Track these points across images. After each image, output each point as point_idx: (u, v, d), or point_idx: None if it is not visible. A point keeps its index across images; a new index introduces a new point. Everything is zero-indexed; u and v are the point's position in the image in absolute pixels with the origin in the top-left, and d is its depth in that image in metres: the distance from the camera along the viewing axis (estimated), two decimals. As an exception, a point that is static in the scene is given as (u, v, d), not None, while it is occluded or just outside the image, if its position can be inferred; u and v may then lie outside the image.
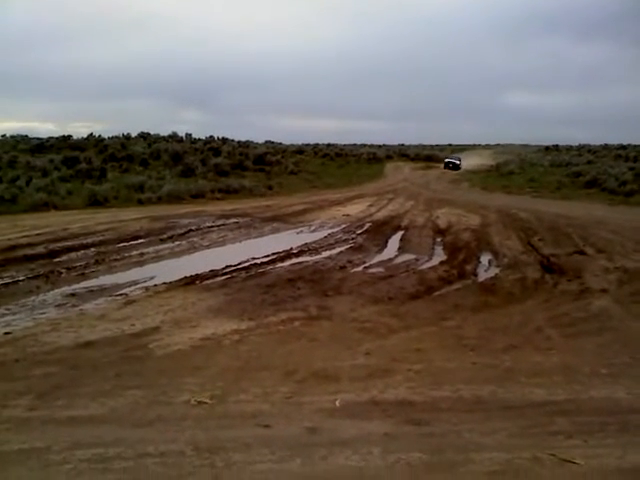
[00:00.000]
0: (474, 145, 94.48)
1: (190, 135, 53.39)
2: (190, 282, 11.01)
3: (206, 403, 5.54)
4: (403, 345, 7.64)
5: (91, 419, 5.24)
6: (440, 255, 14.58)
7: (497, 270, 12.88)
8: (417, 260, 13.69)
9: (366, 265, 13.13)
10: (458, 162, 60.50)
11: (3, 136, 46.46)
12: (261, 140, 61.80)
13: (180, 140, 50.23)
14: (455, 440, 4.84)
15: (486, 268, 13.22)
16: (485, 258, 14.31)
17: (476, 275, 12.43)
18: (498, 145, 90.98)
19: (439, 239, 17.19)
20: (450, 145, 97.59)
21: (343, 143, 73.03)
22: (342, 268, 12.58)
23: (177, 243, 15.33)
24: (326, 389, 6.00)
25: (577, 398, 5.87)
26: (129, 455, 4.48)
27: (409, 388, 6.06)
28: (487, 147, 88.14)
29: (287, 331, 8.19)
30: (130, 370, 6.51)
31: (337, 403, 5.60)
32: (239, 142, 54.32)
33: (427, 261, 13.70)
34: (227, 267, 12.31)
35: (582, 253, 14.51)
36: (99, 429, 5.01)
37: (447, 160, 62.09)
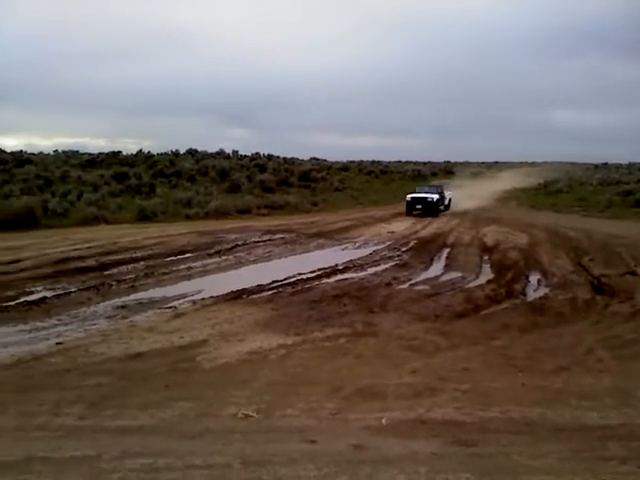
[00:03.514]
0: (521, 162, 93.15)
1: (237, 152, 54.08)
2: (237, 296, 11.11)
3: (252, 417, 5.57)
4: (450, 364, 7.55)
5: (140, 429, 5.33)
6: (487, 273, 14.40)
7: (546, 290, 12.64)
8: (464, 278, 13.55)
9: (412, 282, 13.06)
10: (435, 198, 30.12)
11: (55, 151, 47.80)
12: (306, 157, 62.07)
13: (227, 157, 50.90)
14: (504, 462, 4.76)
15: (535, 287, 12.99)
16: (534, 277, 14.06)
17: (525, 294, 12.22)
18: (545, 163, 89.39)
19: (486, 257, 16.98)
20: (497, 162, 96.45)
21: (388, 160, 72.60)
22: (388, 285, 12.54)
23: (224, 258, 15.50)
24: (372, 406, 5.97)
25: (631, 422, 5.70)
26: (177, 466, 4.52)
27: (456, 408, 5.98)
28: (534, 165, 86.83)
29: (333, 347, 8.19)
30: (178, 382, 6.60)
31: (383, 421, 5.56)
32: (284, 159, 54.76)
33: (474, 279, 13.55)
34: (273, 282, 12.40)
35: (634, 274, 14.13)
36: (148, 439, 5.08)
37: (412, 196, 30.51)
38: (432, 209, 29.14)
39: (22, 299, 10.70)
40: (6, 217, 20.35)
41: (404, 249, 18.13)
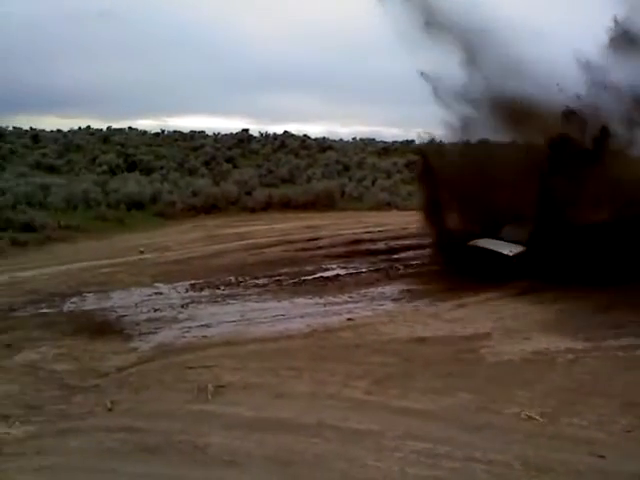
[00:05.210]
0: None
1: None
2: (521, 292, 10.72)
3: (536, 420, 5.38)
4: None
5: (422, 413, 5.48)
6: None
7: None
8: None
9: None
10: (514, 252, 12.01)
11: (354, 139, 50.55)
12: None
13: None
14: None
15: None
16: None
17: None
18: None
19: None
20: None
21: None
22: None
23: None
24: (675, 429, 5.37)
25: None
26: (457, 456, 4.58)
27: None
28: None
29: (627, 358, 7.50)
30: (460, 372, 6.63)
31: None
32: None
33: None
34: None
35: None
36: (429, 425, 5.21)
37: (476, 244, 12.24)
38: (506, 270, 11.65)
39: (319, 274, 11.67)
40: (308, 198, 22.23)
41: None
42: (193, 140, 39.72)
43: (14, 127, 42.47)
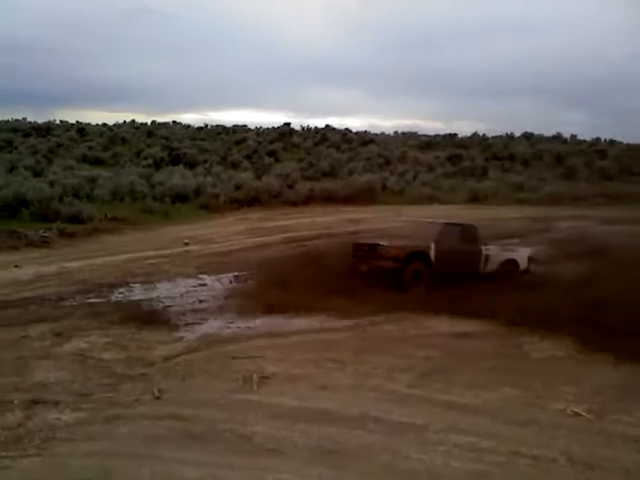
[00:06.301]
0: None
1: (575, 136, 50.89)
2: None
3: (583, 416, 5.30)
4: None
5: (466, 407, 5.45)
6: None
7: None
8: None
9: None
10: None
11: (395, 132, 50.35)
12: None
13: (564, 141, 48.32)
14: None
15: None
16: None
17: None
18: None
19: None
20: None
21: None
22: None
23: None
24: None
25: None
26: (501, 451, 4.54)
27: None
28: None
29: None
30: (504, 367, 6.57)
31: None
32: (629, 145, 50.00)
33: None
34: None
35: None
36: (473, 419, 5.17)
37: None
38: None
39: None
40: (349, 192, 22.28)
41: None
42: (236, 134, 40.16)
43: (61, 121, 43.82)
